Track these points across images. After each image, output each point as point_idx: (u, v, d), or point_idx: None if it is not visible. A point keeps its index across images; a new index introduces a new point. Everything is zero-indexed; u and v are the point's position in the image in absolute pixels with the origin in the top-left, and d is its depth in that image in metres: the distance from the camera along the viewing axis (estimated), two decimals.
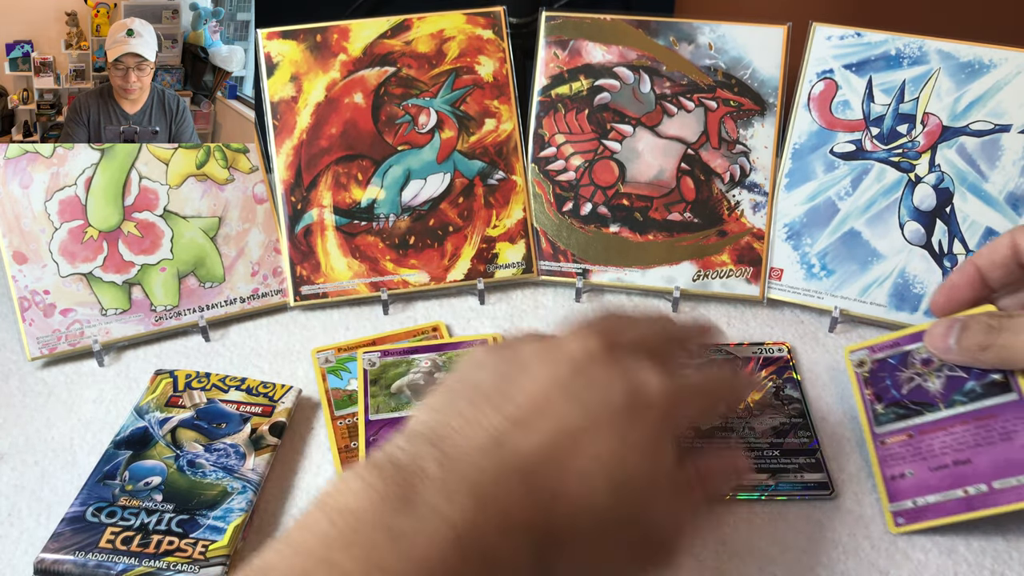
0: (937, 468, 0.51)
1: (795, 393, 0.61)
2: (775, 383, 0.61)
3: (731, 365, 0.63)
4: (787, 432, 0.58)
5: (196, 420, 0.58)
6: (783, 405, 0.60)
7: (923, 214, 0.66)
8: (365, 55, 0.70)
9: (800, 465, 0.55)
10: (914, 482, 0.52)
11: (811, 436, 0.57)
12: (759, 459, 0.56)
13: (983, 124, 0.65)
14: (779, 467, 0.55)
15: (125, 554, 0.49)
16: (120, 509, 0.52)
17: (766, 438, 0.57)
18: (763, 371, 0.62)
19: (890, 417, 0.55)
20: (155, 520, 0.51)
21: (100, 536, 0.50)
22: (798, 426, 0.58)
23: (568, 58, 0.71)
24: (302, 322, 0.70)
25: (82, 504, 0.52)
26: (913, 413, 0.54)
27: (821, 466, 0.55)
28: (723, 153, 0.70)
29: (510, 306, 0.71)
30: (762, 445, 0.57)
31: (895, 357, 0.56)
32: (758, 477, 0.54)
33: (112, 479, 0.54)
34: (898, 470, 0.53)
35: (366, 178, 0.70)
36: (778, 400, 0.60)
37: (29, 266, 0.64)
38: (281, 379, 0.64)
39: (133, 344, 0.67)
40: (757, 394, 0.60)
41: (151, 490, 0.53)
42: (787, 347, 0.64)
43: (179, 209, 0.68)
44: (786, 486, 0.54)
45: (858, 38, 0.67)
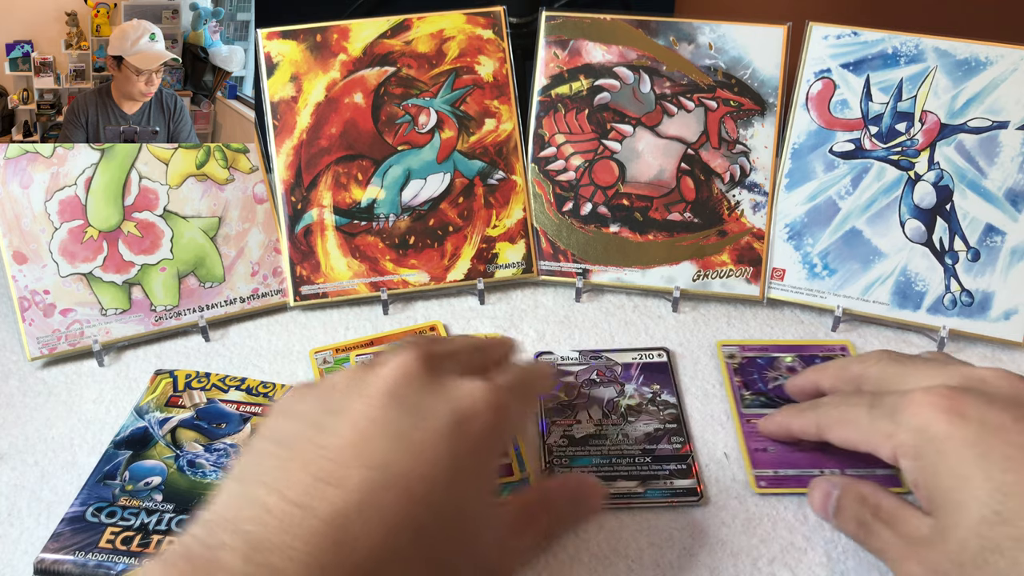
0: (796, 449, 0.55)
1: (671, 398, 0.61)
2: (652, 389, 0.61)
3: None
4: (660, 438, 0.58)
5: (196, 420, 0.58)
6: (658, 411, 0.60)
7: (923, 212, 0.66)
8: (365, 55, 0.70)
9: (671, 471, 0.55)
10: (776, 456, 0.56)
11: (683, 441, 0.57)
12: (630, 466, 0.56)
13: (981, 121, 0.65)
14: (650, 474, 0.55)
15: (125, 554, 0.49)
16: (120, 509, 0.51)
17: (639, 444, 0.57)
18: (642, 376, 0.63)
19: (757, 403, 0.60)
20: (155, 520, 0.51)
21: (100, 536, 0.50)
22: (672, 431, 0.58)
23: (568, 58, 0.72)
24: (302, 322, 0.70)
25: (82, 504, 0.52)
26: (778, 405, 0.59)
27: (691, 472, 0.55)
28: (723, 153, 0.70)
29: (510, 306, 0.71)
30: (634, 451, 0.57)
31: (763, 359, 0.63)
32: (627, 485, 0.54)
33: (112, 479, 0.54)
34: (761, 445, 0.57)
35: (366, 178, 0.70)
36: (654, 406, 0.60)
37: (29, 266, 0.64)
38: (281, 379, 0.64)
39: (133, 344, 0.67)
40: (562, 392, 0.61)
41: (151, 490, 0.53)
42: (667, 352, 0.65)
43: (179, 209, 0.67)
44: (655, 493, 0.54)
45: (855, 37, 0.68)
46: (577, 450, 0.57)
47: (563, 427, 0.59)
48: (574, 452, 0.57)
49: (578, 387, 0.62)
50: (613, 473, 0.55)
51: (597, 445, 0.57)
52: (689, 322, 0.69)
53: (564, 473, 0.55)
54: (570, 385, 0.62)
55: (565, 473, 0.55)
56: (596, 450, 0.57)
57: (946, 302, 0.65)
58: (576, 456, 0.57)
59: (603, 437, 0.58)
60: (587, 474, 0.54)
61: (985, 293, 0.65)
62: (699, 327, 0.69)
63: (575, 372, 0.63)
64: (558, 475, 0.55)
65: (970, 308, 0.65)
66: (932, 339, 0.66)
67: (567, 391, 0.61)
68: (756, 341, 0.66)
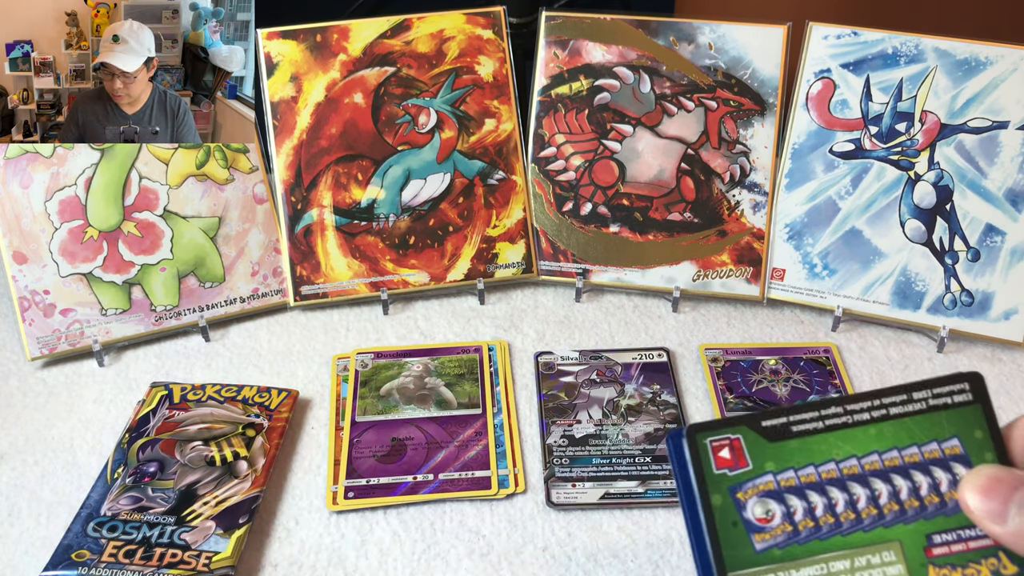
0: None
1: (671, 398, 0.61)
2: (652, 389, 0.62)
3: None
4: (660, 438, 0.58)
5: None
6: (658, 411, 0.60)
7: (923, 212, 0.66)
8: (365, 55, 0.70)
9: (671, 471, 0.55)
10: None
11: None
12: (630, 466, 0.56)
13: (981, 121, 0.65)
14: (650, 474, 0.55)
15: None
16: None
17: (639, 444, 0.57)
18: (642, 376, 0.62)
19: (740, 407, 0.60)
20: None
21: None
22: None
23: (568, 58, 0.72)
24: (302, 322, 0.70)
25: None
26: (760, 408, 0.59)
27: None
28: (723, 153, 0.70)
29: (510, 306, 0.71)
30: (634, 451, 0.57)
31: (746, 362, 0.63)
32: (627, 485, 0.54)
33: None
34: None
35: (366, 178, 0.70)
36: (654, 406, 0.60)
37: (29, 266, 0.64)
38: (281, 379, 0.64)
39: (133, 344, 0.67)
40: None
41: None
42: (667, 352, 0.65)
43: (179, 209, 0.67)
44: (655, 493, 0.54)
45: (855, 37, 0.68)
46: (577, 450, 0.57)
47: (563, 427, 0.59)
48: (574, 452, 0.57)
49: (578, 387, 0.62)
50: (613, 473, 0.55)
51: (597, 445, 0.57)
52: (689, 322, 0.69)
53: None
54: (570, 385, 0.62)
55: None
56: (596, 450, 0.57)
57: (946, 302, 0.65)
58: (576, 456, 0.57)
59: (603, 437, 0.58)
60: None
61: (985, 293, 0.65)
62: (699, 327, 0.68)
63: (575, 372, 0.63)
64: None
65: (970, 308, 0.65)
66: (932, 339, 0.66)
67: (567, 391, 0.61)
68: (739, 344, 0.66)
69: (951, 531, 0.33)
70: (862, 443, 0.33)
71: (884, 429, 0.33)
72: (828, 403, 0.33)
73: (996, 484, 0.32)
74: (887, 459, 0.33)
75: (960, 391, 0.33)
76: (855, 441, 0.33)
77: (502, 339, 0.67)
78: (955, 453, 0.33)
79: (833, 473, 0.33)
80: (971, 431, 0.33)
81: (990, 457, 0.33)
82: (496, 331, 0.69)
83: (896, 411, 0.33)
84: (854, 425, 0.33)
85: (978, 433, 0.33)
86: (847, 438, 0.33)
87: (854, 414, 0.33)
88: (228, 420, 0.58)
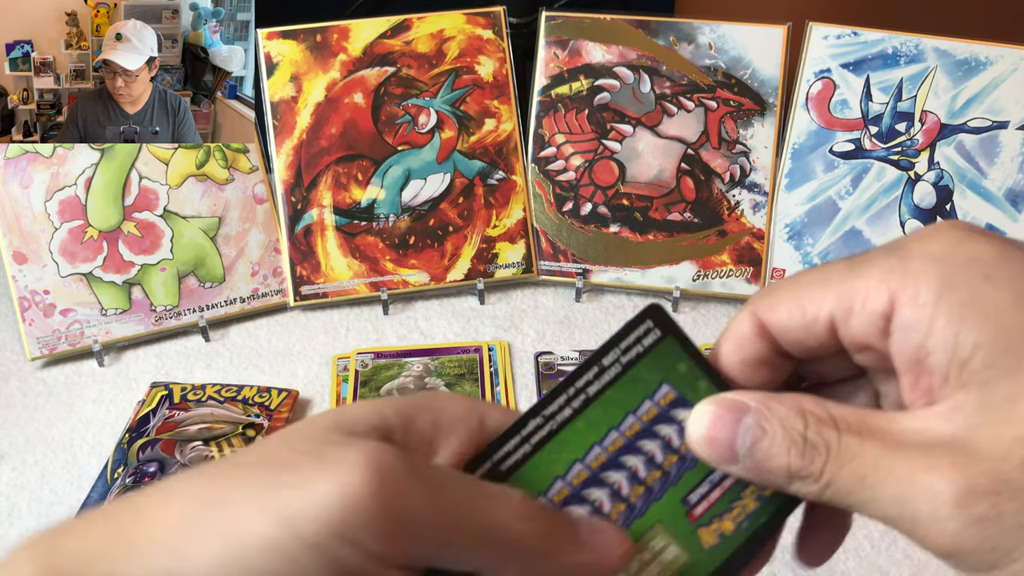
0: None
1: None
2: None
3: None
4: None
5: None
6: None
7: (923, 212, 0.66)
8: (365, 55, 0.70)
9: None
10: None
11: None
12: None
13: (981, 121, 0.65)
14: None
15: None
16: None
17: None
18: None
19: None
20: None
21: None
22: None
23: (568, 58, 0.72)
24: (302, 322, 0.70)
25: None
26: None
27: None
28: (723, 153, 0.70)
29: (510, 306, 0.71)
30: None
31: None
32: None
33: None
34: None
35: (366, 178, 0.70)
36: None
37: (29, 266, 0.64)
38: (281, 379, 0.64)
39: (133, 344, 0.67)
40: None
41: None
42: None
43: (179, 209, 0.67)
44: None
45: (855, 37, 0.68)
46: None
47: None
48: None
49: None
50: None
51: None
52: (689, 322, 0.69)
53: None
54: None
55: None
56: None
57: None
58: None
59: None
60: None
61: None
62: (699, 327, 0.68)
63: None
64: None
65: None
66: None
67: None
68: None
69: (702, 483, 0.29)
70: (578, 443, 0.28)
71: (592, 415, 0.28)
72: (526, 419, 0.28)
73: (717, 423, 0.27)
74: (609, 445, 0.28)
75: (647, 332, 0.29)
76: (570, 445, 0.28)
77: (502, 339, 0.67)
78: (671, 399, 0.29)
79: (565, 492, 0.28)
80: (675, 368, 0.29)
81: (704, 385, 0.29)
82: (496, 331, 0.69)
83: (595, 389, 0.28)
84: (561, 428, 0.28)
85: (681, 367, 0.29)
86: (561, 446, 0.28)
87: (555, 417, 0.28)
88: (228, 420, 0.58)
